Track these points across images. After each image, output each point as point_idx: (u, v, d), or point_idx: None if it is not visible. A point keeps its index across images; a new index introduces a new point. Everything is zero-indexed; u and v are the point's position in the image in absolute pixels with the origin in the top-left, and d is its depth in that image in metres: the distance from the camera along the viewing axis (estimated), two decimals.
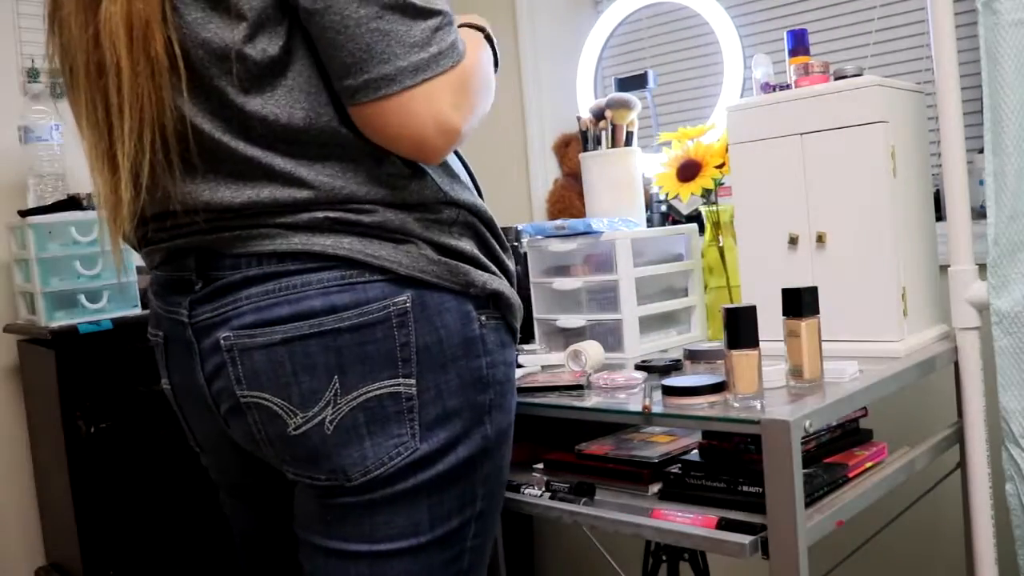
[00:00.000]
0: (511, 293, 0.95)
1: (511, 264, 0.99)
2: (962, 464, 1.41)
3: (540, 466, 1.35)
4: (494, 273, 0.94)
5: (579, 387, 1.25)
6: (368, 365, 0.87)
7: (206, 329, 0.92)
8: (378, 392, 0.87)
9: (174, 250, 0.95)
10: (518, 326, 0.98)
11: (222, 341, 0.90)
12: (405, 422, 0.88)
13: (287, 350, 0.87)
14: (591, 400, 1.22)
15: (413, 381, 0.88)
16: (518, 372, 1.39)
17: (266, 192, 0.87)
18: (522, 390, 1.28)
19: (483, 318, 0.92)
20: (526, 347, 1.69)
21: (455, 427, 0.91)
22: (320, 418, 0.88)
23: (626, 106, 1.74)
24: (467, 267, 0.91)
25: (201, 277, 0.93)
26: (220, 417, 0.96)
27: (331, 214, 0.88)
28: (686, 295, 1.65)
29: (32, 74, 2.05)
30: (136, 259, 1.96)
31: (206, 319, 0.92)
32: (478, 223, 0.96)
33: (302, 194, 0.87)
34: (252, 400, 0.90)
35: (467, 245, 0.93)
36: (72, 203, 1.91)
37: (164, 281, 0.99)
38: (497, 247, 0.97)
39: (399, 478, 0.89)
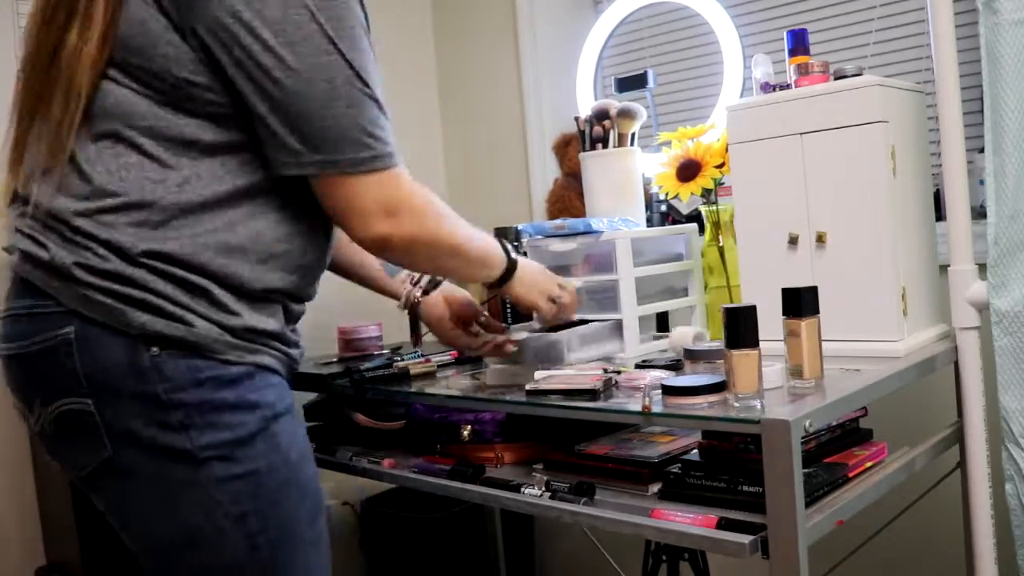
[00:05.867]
0: (185, 333, 1.01)
1: (219, 314, 1.04)
2: (962, 464, 1.41)
3: (540, 466, 1.35)
4: (168, 316, 1.01)
5: (592, 392, 1.21)
6: (53, 383, 1.02)
7: None
8: (66, 407, 1.02)
9: None
10: (222, 355, 1.03)
11: None
12: (96, 435, 1.02)
13: (11, 365, 1.07)
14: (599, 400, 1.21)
15: (90, 401, 1.01)
16: (539, 375, 1.36)
17: None
18: (535, 392, 1.26)
19: (155, 349, 1.00)
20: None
21: (147, 442, 1.01)
22: (40, 423, 1.05)
23: (631, 116, 1.73)
24: (123, 307, 1.00)
25: None
26: None
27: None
28: (686, 295, 1.65)
29: None
30: None
31: None
32: (175, 269, 1.02)
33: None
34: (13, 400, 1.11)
35: (128, 288, 1.00)
36: None
37: None
38: (188, 294, 1.03)
39: (100, 479, 1.05)
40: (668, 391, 1.13)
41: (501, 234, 1.77)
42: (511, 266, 1.30)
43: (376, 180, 1.03)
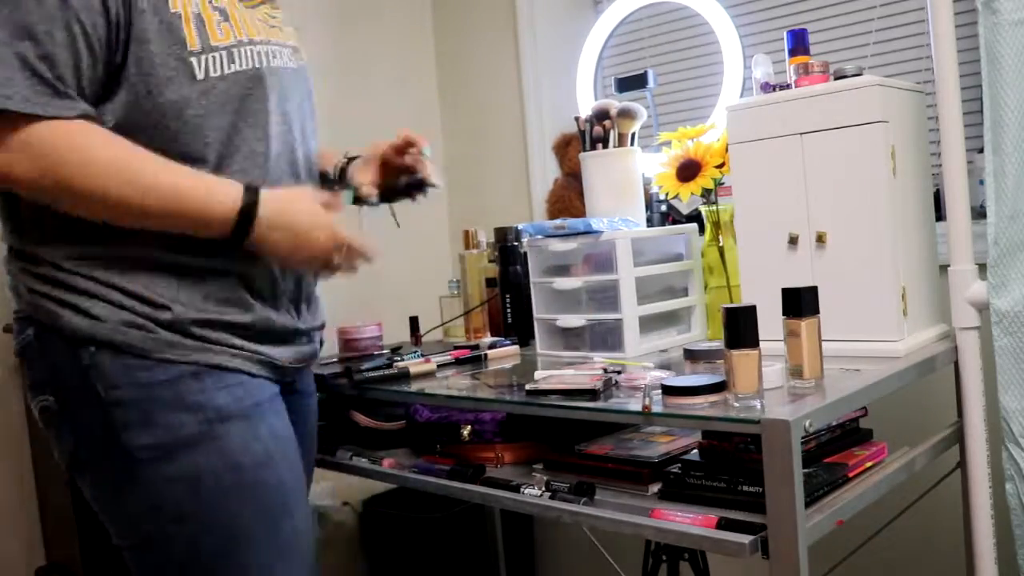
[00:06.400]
0: (111, 334, 1.02)
1: (150, 310, 1.04)
2: (962, 464, 1.41)
3: (540, 466, 1.35)
4: (93, 316, 1.02)
5: (592, 392, 1.21)
6: (29, 381, 1.09)
7: None
8: (39, 403, 1.08)
9: None
10: (157, 354, 1.04)
11: None
12: (61, 430, 1.07)
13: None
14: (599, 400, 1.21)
15: (52, 398, 1.06)
16: (539, 374, 1.34)
17: None
18: (535, 392, 1.26)
19: (92, 348, 1.02)
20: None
21: (97, 440, 1.04)
22: (36, 412, 1.10)
23: (631, 116, 1.73)
24: (58, 310, 1.03)
25: None
26: None
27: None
28: (686, 295, 1.65)
29: None
30: None
31: None
32: (104, 272, 1.04)
33: None
34: None
35: (58, 291, 1.03)
36: None
37: None
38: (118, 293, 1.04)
39: (74, 472, 1.09)
40: (668, 391, 1.13)
41: (501, 235, 1.78)
42: (245, 219, 1.03)
43: None
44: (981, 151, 1.39)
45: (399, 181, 1.39)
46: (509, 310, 1.77)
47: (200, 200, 1.02)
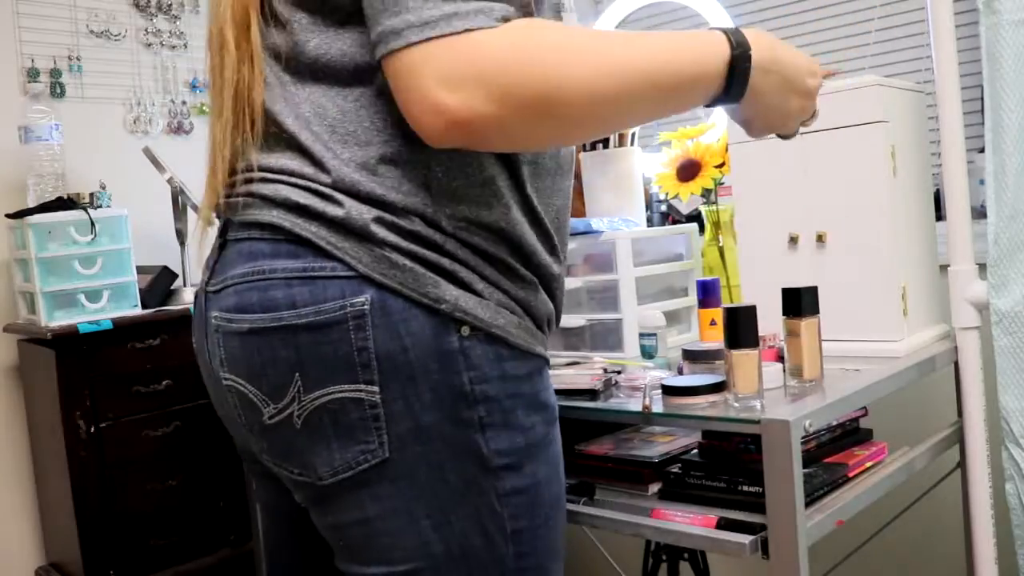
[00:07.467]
0: (493, 315, 0.86)
1: (523, 292, 0.90)
2: (962, 464, 1.41)
3: None
4: (477, 292, 0.85)
5: (592, 392, 1.21)
6: (327, 366, 0.83)
7: (211, 300, 0.91)
8: (339, 395, 0.83)
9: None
10: (524, 343, 0.89)
11: (212, 319, 0.90)
12: (371, 430, 0.83)
13: (255, 340, 0.85)
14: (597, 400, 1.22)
15: (376, 389, 0.82)
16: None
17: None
18: None
19: (464, 330, 0.84)
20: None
21: (436, 442, 0.85)
22: (289, 412, 0.85)
23: None
24: (433, 276, 0.83)
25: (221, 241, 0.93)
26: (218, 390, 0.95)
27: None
28: (686, 295, 1.65)
29: (32, 74, 2.05)
30: (137, 259, 1.96)
31: (213, 289, 0.91)
32: (483, 242, 0.87)
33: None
34: (231, 384, 0.89)
35: (436, 255, 0.84)
36: (62, 204, 1.90)
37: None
38: (512, 271, 0.89)
39: (356, 487, 0.85)
40: (668, 391, 1.13)
41: None
42: (738, 75, 0.89)
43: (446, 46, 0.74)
44: (981, 151, 1.39)
45: None
46: None
47: (693, 49, 0.86)
